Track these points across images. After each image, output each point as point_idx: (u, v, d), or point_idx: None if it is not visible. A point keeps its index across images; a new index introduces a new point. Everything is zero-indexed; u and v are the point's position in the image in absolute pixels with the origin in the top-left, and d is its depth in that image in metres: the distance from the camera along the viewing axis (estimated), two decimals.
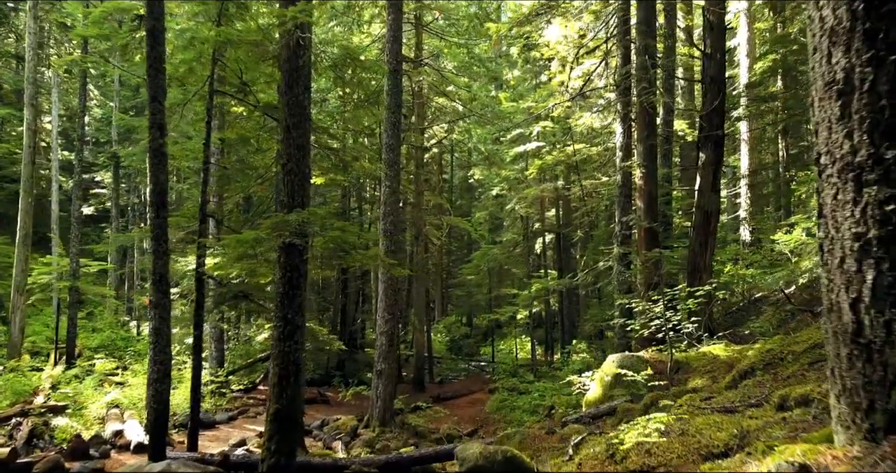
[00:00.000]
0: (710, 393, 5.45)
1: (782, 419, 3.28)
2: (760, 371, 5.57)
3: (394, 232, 14.64)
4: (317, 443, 13.20)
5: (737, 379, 5.79)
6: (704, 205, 12.43)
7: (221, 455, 7.50)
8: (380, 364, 14.45)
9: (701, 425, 3.64)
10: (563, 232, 24.23)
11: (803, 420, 3.12)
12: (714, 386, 6.81)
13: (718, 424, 3.53)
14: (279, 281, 7.05)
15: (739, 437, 3.14)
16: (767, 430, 3.07)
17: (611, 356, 8.99)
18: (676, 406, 5.10)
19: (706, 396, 5.24)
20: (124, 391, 14.45)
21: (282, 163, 7.17)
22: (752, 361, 5.76)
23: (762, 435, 3.03)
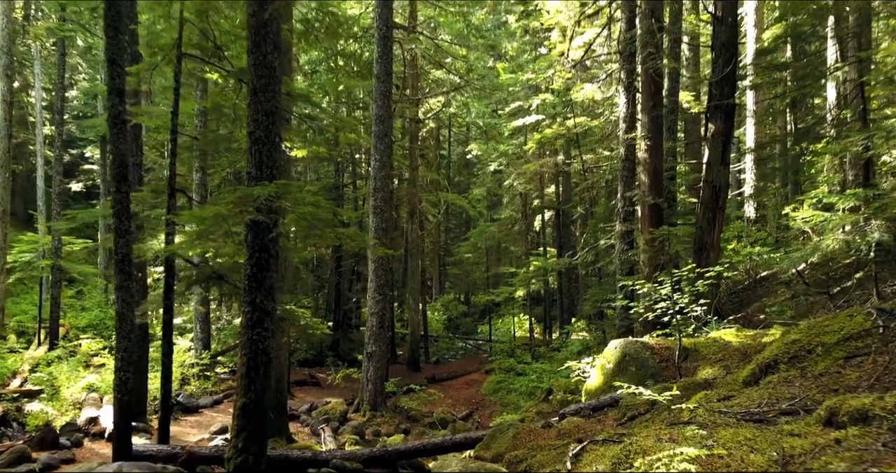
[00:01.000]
0: (728, 391, 4.78)
1: (835, 440, 2.63)
2: (785, 365, 4.90)
3: (384, 208, 13.92)
4: (304, 429, 12.65)
5: (757, 373, 5.12)
6: (713, 179, 11.70)
7: (188, 453, 6.91)
8: (370, 346, 13.84)
9: (728, 441, 2.98)
10: (563, 208, 23.50)
11: (866, 447, 2.46)
12: (728, 378, 6.16)
13: (751, 442, 2.87)
14: (246, 263, 6.36)
15: (781, 464, 2.48)
16: (820, 458, 2.41)
17: (613, 342, 8.34)
18: (689, 409, 4.44)
19: (724, 394, 4.57)
20: (103, 374, 13.85)
21: (248, 131, 6.43)
22: (775, 353, 5.09)
23: (813, 465, 2.37)
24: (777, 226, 23.12)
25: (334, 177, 26.46)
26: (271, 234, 6.07)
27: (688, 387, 6.20)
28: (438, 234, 39.12)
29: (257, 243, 6.31)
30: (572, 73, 19.39)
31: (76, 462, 9.68)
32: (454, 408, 16.07)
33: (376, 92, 13.99)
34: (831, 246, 7.37)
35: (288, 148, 10.33)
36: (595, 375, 8.39)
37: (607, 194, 22.95)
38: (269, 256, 6.38)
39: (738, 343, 7.56)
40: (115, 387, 7.54)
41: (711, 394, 4.72)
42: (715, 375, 6.67)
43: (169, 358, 8.50)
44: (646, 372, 7.66)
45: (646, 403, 6.42)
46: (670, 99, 14.78)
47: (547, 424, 6.95)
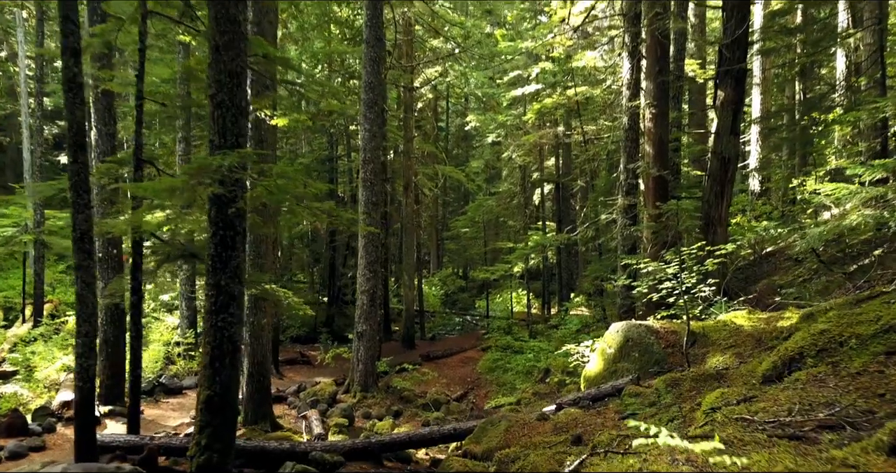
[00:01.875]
0: (747, 389, 4.18)
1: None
2: (812, 359, 4.30)
3: (375, 181, 13.24)
4: (291, 411, 12.16)
5: (779, 367, 4.52)
6: (722, 150, 11.01)
7: (149, 450, 6.37)
8: (361, 325, 13.29)
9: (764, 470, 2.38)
10: (563, 181, 22.78)
11: None
12: (742, 369, 5.57)
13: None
14: (210, 241, 5.72)
15: None
16: None
17: (614, 325, 7.75)
18: (704, 413, 3.85)
19: (744, 394, 3.97)
20: None
21: (210, 94, 5.73)
22: (800, 344, 4.49)
23: None
24: (783, 199, 22.46)
25: (328, 150, 25.66)
26: (231, 210, 5.42)
27: (697, 379, 5.62)
28: (436, 208, 38.42)
29: (221, 219, 5.66)
30: (573, 40, 18.52)
31: (46, 449, 9.19)
32: (448, 388, 15.60)
33: (366, 58, 13.20)
34: (856, 222, 6.73)
35: (268, 116, 9.62)
36: (595, 360, 7.82)
37: (608, 167, 22.21)
38: (235, 234, 5.73)
39: (751, 327, 6.96)
40: (76, 375, 6.97)
41: (729, 393, 4.12)
42: (727, 364, 6.09)
43: (138, 343, 7.92)
44: (650, 358, 7.09)
45: (650, 394, 5.86)
46: (676, 64, 13.98)
47: (542, 416, 6.39)
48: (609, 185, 19.56)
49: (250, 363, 10.20)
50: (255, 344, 10.20)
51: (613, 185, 21.09)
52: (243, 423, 10.28)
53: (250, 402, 10.23)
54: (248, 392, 10.24)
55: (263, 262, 10.22)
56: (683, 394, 5.48)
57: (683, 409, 4.62)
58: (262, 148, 10.21)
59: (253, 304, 10.15)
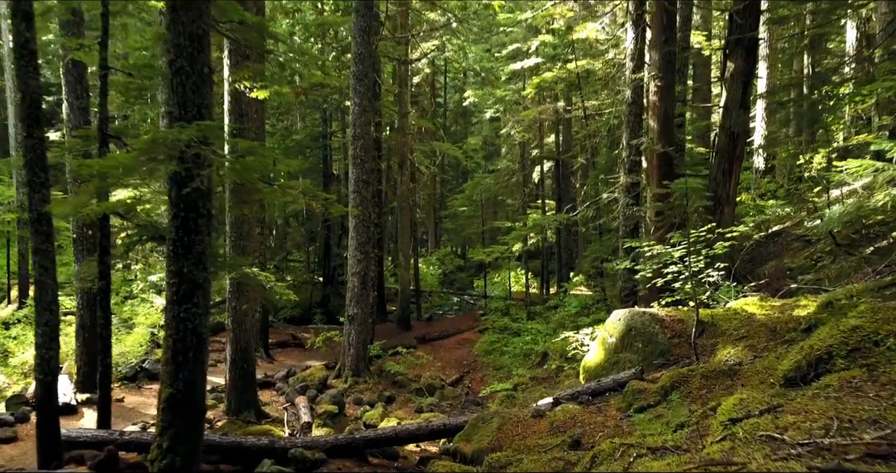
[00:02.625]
0: (770, 395, 3.66)
1: None
2: (843, 360, 3.78)
3: (365, 158, 12.63)
4: (279, 398, 11.72)
5: (804, 367, 4.00)
6: (731, 125, 10.42)
7: (108, 452, 5.89)
8: (352, 308, 12.80)
9: None
10: (563, 158, 22.14)
11: None
12: (758, 365, 5.06)
13: None
14: (170, 224, 5.17)
15: None
16: None
17: (616, 312, 7.24)
18: (722, 426, 3.34)
19: (767, 403, 3.45)
20: (64, 337, 12.82)
21: (168, 60, 5.14)
22: (828, 342, 3.97)
23: None
24: (789, 177, 21.85)
25: (321, 126, 24.95)
26: (187, 189, 4.85)
27: (708, 376, 5.12)
28: (434, 186, 37.76)
29: (182, 200, 5.10)
30: (574, 10, 17.75)
31: (18, 440, 8.77)
32: (444, 372, 15.17)
33: (355, 28, 12.50)
34: (882, 202, 6.18)
35: (247, 88, 9.00)
36: (595, 350, 7.32)
37: (609, 143, 21.55)
38: (199, 216, 5.18)
39: (764, 315, 6.44)
40: (36, 368, 6.47)
41: (749, 400, 3.60)
42: (739, 358, 5.58)
43: (107, 330, 7.42)
44: (654, 349, 6.59)
45: (655, 391, 5.36)
46: (682, 34, 13.27)
47: (538, 413, 5.90)
48: (610, 163, 18.94)
49: (233, 349, 9.72)
50: (238, 330, 9.71)
51: (615, 163, 20.45)
52: (226, 412, 9.86)
53: (233, 390, 9.77)
54: (231, 379, 9.78)
55: (246, 244, 9.68)
56: (693, 393, 4.98)
57: (695, 413, 4.12)
58: (243, 122, 9.62)
59: (235, 289, 9.63)
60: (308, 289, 25.37)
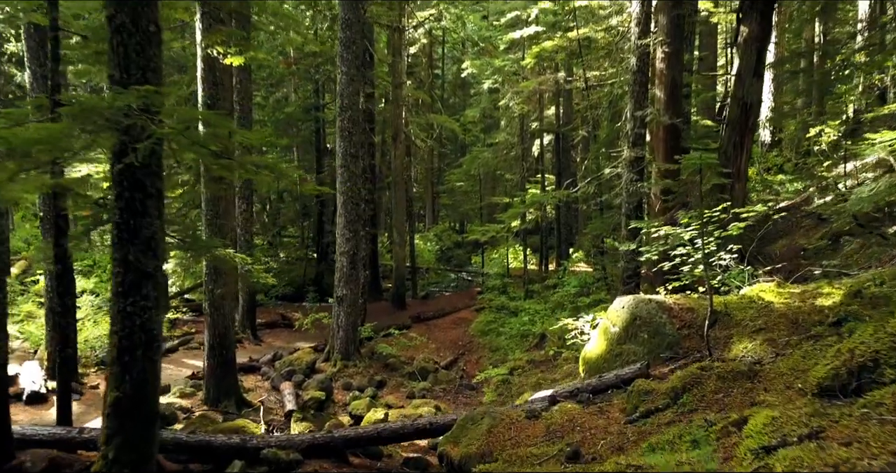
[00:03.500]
0: (807, 419, 3.05)
1: None
2: (893, 369, 3.18)
3: (353, 130, 11.92)
4: (264, 383, 11.20)
5: (843, 376, 3.41)
6: (743, 95, 9.71)
7: (51, 461, 5.34)
8: (341, 289, 12.22)
9: None
10: (564, 131, 21.37)
11: None
12: (783, 365, 4.46)
13: None
14: (114, 205, 4.53)
15: None
16: None
17: (619, 299, 6.63)
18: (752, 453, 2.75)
19: (807, 426, 2.86)
20: (37, 320, 12.28)
21: (107, 16, 4.44)
22: (873, 347, 3.37)
23: None
24: (797, 151, 21.12)
25: (313, 98, 24.09)
26: (120, 165, 4.19)
27: (724, 377, 4.52)
28: (431, 160, 36.96)
29: (127, 178, 4.45)
30: None
31: None
32: (438, 353, 14.67)
33: None
34: None
35: (220, 54, 8.27)
36: (596, 339, 6.73)
37: (610, 116, 20.75)
38: (147, 196, 4.54)
39: (783, 304, 5.84)
40: None
41: (782, 419, 3.01)
42: (758, 354, 4.98)
43: (66, 319, 6.83)
44: (661, 340, 5.99)
45: (664, 393, 4.77)
46: None
47: (532, 413, 5.32)
48: (612, 136, 18.20)
49: (211, 335, 9.16)
50: (216, 315, 9.13)
51: (617, 136, 19.70)
52: (204, 401, 9.34)
53: (212, 378, 9.24)
54: (209, 366, 9.24)
55: (223, 223, 9.05)
56: (707, 398, 4.39)
57: (713, 428, 3.52)
58: (217, 92, 8.90)
59: (212, 271, 9.03)
60: (301, 266, 24.80)
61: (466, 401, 11.35)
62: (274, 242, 28.57)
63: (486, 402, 10.77)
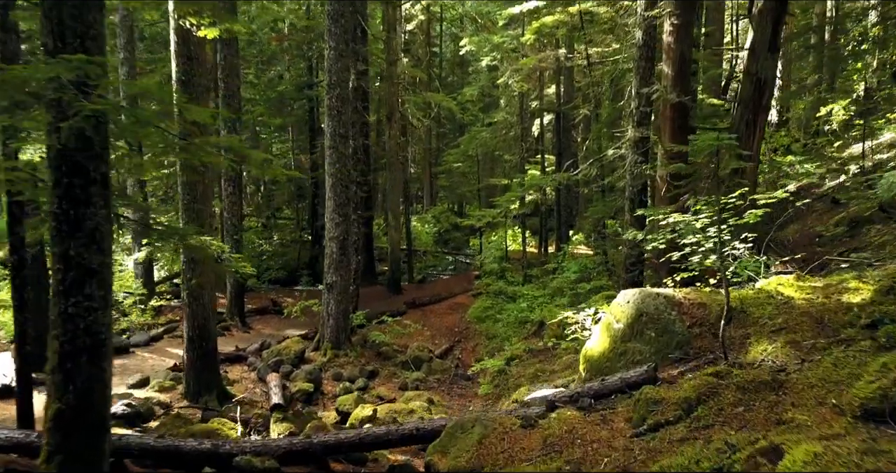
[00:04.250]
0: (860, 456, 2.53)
1: None
2: None
3: (342, 109, 11.30)
4: (250, 374, 10.73)
5: (893, 397, 2.88)
6: (757, 70, 9.10)
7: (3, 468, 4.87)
8: (331, 275, 11.70)
9: None
10: (564, 110, 20.69)
11: None
12: (811, 376, 3.93)
13: None
14: (52, 193, 3.98)
15: None
16: None
17: (624, 293, 6.10)
18: None
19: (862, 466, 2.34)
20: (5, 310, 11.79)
21: None
22: None
23: None
24: (806, 130, 20.47)
25: (306, 75, 23.35)
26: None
27: (744, 387, 4.01)
28: (429, 140, 36.25)
29: (66, 162, 3.89)
30: None
31: None
32: (433, 341, 14.21)
33: None
34: None
35: (193, 25, 7.64)
36: (599, 336, 6.21)
37: (612, 95, 20.05)
38: (89, 183, 3.98)
39: (804, 300, 5.31)
40: None
41: (827, 457, 2.49)
42: (781, 359, 4.47)
43: (22, 314, 6.29)
44: (670, 339, 5.48)
45: (676, 403, 4.26)
46: None
47: (528, 421, 4.82)
48: (614, 115, 17.57)
49: (190, 326, 8.64)
50: (195, 305, 8.61)
51: (619, 115, 19.03)
52: (184, 395, 8.86)
53: (192, 371, 8.75)
54: (188, 359, 8.75)
55: (201, 208, 8.49)
56: (726, 411, 3.88)
57: (738, 456, 3.01)
58: (192, 67, 8.28)
59: (189, 260, 8.50)
60: (296, 249, 24.27)
61: (461, 393, 10.90)
62: (269, 224, 28.00)
63: (482, 395, 10.32)
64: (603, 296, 11.03)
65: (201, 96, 8.31)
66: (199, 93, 8.29)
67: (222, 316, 13.97)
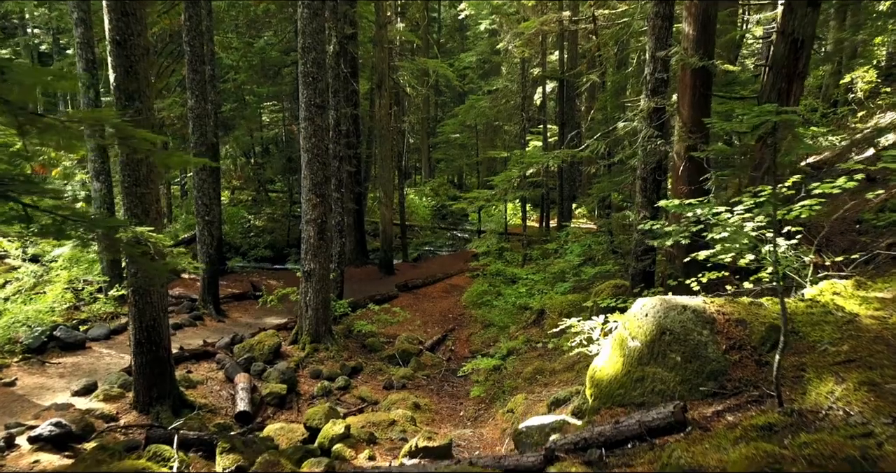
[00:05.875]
0: None
1: None
2: None
3: (318, 75, 10.01)
4: (216, 374, 9.66)
5: None
6: (794, 29, 7.80)
7: None
8: (308, 262, 10.58)
9: None
10: (568, 77, 19.29)
11: None
12: None
13: None
14: None
15: None
16: None
17: (642, 302, 4.95)
18: None
19: None
20: None
21: None
22: None
23: None
24: (825, 99, 19.06)
25: (295, 40, 21.83)
26: None
27: (819, 463, 2.87)
28: (427, 109, 34.83)
29: None
30: None
31: None
32: (425, 329, 13.16)
33: None
34: None
35: None
36: (610, 353, 5.09)
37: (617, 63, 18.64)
38: None
39: (874, 318, 4.17)
40: None
41: None
42: (858, 410, 3.33)
43: None
44: (701, 367, 4.35)
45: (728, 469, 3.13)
46: None
47: None
48: (624, 81, 16.23)
49: (137, 327, 7.54)
50: (142, 303, 7.49)
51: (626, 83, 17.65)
52: (133, 405, 7.81)
53: (141, 378, 7.67)
54: (137, 365, 7.66)
55: (146, 192, 7.30)
56: None
57: None
58: (129, 25, 7.00)
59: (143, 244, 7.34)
60: (285, 226, 23.12)
61: (452, 392, 9.88)
62: (259, 198, 26.81)
63: (474, 397, 9.28)
64: (610, 286, 9.90)
65: (140, 60, 7.05)
66: (138, 56, 7.04)
67: (195, 304, 12.90)
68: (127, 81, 7.08)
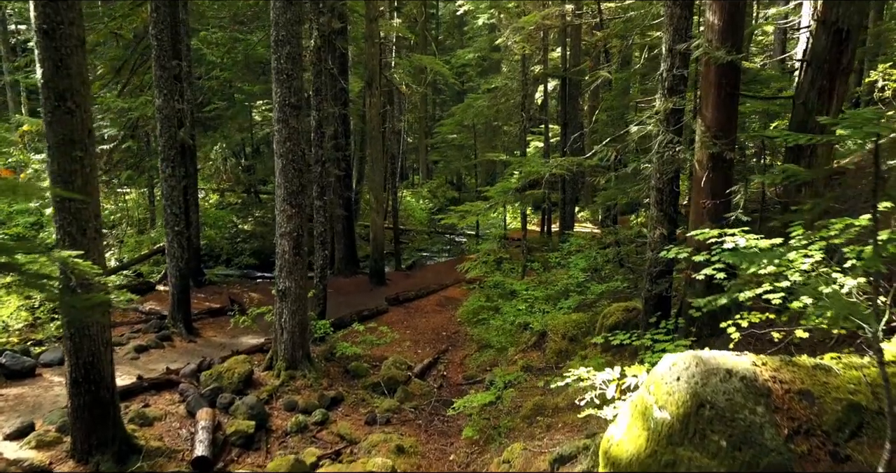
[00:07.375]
0: None
1: None
2: None
3: (294, 72, 8.94)
4: (178, 408, 8.58)
5: None
6: (837, 19, 6.73)
7: None
8: (283, 281, 9.52)
9: None
10: (570, 75, 18.22)
11: None
12: None
13: None
14: None
15: None
16: None
17: (670, 359, 3.88)
18: None
19: None
20: None
21: None
22: None
23: None
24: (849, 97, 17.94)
25: None
26: None
27: None
28: (425, 108, 33.79)
29: None
30: None
31: None
32: (415, 350, 12.10)
33: None
34: None
35: None
36: (629, 423, 4.01)
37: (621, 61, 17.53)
38: None
39: None
40: None
41: None
42: None
43: None
44: (756, 458, 3.28)
45: None
46: None
47: None
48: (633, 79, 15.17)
49: (73, 365, 6.49)
50: (79, 336, 6.44)
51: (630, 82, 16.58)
52: (71, 453, 6.75)
53: (78, 423, 6.62)
54: (73, 407, 6.61)
55: (81, 207, 6.23)
56: None
57: None
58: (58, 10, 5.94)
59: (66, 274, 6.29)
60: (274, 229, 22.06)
61: (443, 429, 8.82)
62: (248, 201, 25.77)
63: (466, 438, 8.21)
64: (620, 310, 8.85)
65: (74, 53, 5.99)
66: (71, 49, 5.98)
67: (164, 322, 11.82)
68: (57, 78, 6.02)
